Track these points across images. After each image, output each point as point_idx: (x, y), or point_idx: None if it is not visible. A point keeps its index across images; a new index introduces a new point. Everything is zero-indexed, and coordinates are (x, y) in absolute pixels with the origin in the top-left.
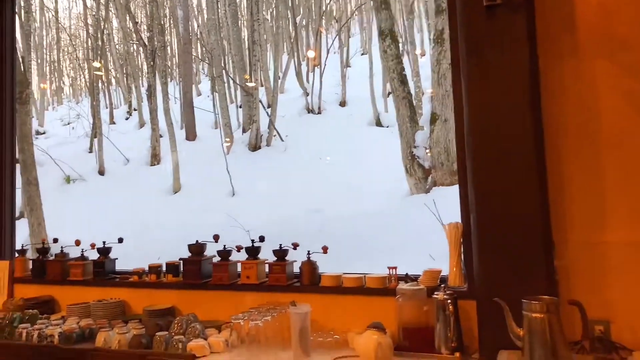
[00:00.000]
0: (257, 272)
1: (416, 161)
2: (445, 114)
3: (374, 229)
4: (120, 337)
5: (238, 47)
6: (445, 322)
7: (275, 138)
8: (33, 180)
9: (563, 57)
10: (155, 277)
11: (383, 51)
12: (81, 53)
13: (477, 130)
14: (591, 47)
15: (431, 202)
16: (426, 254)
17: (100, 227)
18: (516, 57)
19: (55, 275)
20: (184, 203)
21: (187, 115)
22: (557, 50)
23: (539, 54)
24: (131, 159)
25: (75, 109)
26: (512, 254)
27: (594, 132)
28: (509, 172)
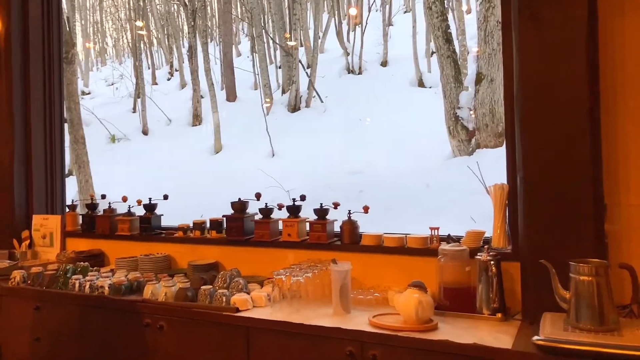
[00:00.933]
0: (298, 230)
1: (460, 122)
2: (491, 73)
3: (414, 191)
4: (167, 289)
5: (278, 5)
6: (488, 283)
7: (314, 99)
8: (80, 138)
9: (624, 13)
10: (200, 233)
11: (427, 8)
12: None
13: (528, 88)
14: None
15: (474, 164)
16: (467, 217)
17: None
18: (574, 10)
19: (104, 230)
20: (225, 163)
21: (227, 76)
22: (619, 4)
23: (599, 8)
24: (173, 119)
25: (119, 70)
26: (560, 216)
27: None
28: (561, 133)
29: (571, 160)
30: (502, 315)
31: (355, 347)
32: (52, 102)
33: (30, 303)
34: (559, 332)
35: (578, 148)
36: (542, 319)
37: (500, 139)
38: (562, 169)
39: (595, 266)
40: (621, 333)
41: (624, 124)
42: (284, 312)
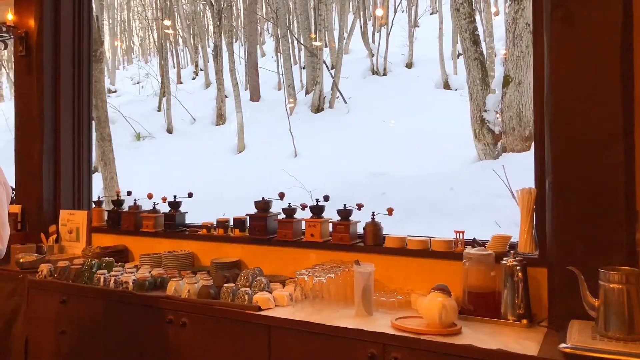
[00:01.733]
0: (321, 231)
1: (486, 125)
2: (519, 76)
3: (439, 194)
4: (190, 286)
5: (303, 6)
6: (513, 288)
7: (338, 100)
8: (107, 136)
9: None
10: (223, 231)
11: (455, 9)
12: (150, 13)
13: (559, 91)
14: None
15: (500, 168)
16: (492, 221)
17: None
18: (608, 11)
19: (129, 226)
20: (248, 162)
21: (252, 76)
22: None
23: (634, 10)
24: (198, 118)
25: (145, 68)
26: (590, 222)
27: None
28: (592, 137)
29: (602, 165)
30: (527, 322)
31: (377, 349)
32: (80, 100)
33: (57, 296)
34: (586, 340)
35: (610, 153)
36: (569, 327)
37: (527, 143)
38: (593, 174)
39: (626, 274)
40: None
41: None
42: (305, 312)
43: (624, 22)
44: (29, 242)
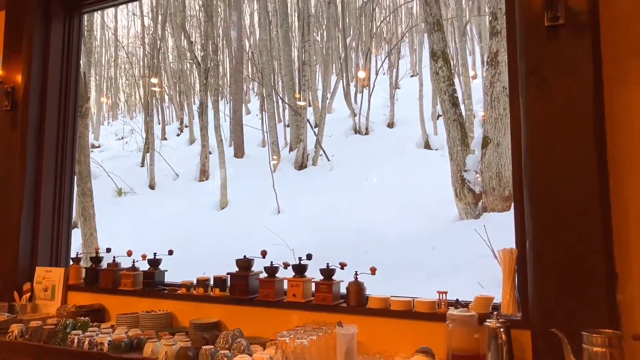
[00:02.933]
0: (304, 290)
1: (466, 185)
2: (497, 137)
3: (421, 252)
4: (168, 348)
5: (288, 67)
6: (497, 351)
7: (321, 157)
8: (88, 191)
9: (630, 82)
10: (203, 290)
11: (435, 73)
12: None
13: (536, 154)
14: None
15: (481, 227)
16: (474, 281)
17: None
18: (580, 79)
19: (107, 284)
20: (231, 219)
21: (236, 133)
22: (624, 74)
23: (604, 78)
24: (181, 174)
25: (130, 124)
26: (571, 283)
27: None
28: (570, 199)
29: (581, 226)
30: None
31: None
32: (64, 155)
33: (28, 359)
34: None
35: (588, 215)
36: None
37: (507, 203)
38: (571, 236)
39: (608, 337)
40: None
41: (633, 193)
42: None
43: (594, 88)
44: (1, 301)
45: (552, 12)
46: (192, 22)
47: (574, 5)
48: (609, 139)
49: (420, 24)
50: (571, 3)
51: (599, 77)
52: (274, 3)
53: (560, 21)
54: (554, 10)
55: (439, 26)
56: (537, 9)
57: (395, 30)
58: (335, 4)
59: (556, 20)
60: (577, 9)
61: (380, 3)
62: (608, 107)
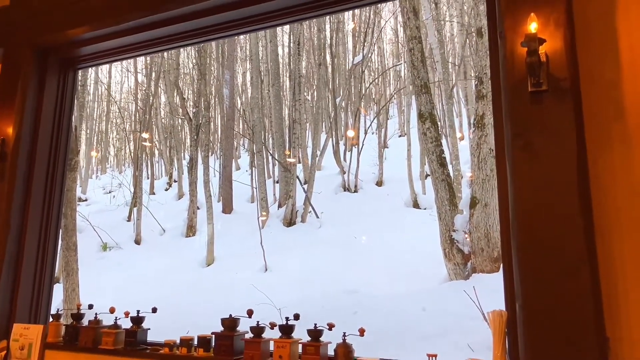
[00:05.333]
0: (290, 352)
1: (455, 245)
2: (485, 198)
3: (410, 313)
4: None
5: (279, 124)
6: None
7: (310, 214)
8: (72, 245)
9: (612, 145)
10: (186, 350)
11: (422, 133)
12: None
13: (523, 217)
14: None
15: (470, 288)
16: (465, 343)
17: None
18: (563, 143)
19: (87, 342)
20: (217, 276)
21: (225, 189)
22: (606, 137)
23: (587, 141)
24: (167, 229)
25: (118, 178)
26: (562, 348)
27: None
28: (558, 261)
29: (571, 290)
30: None
31: None
32: (50, 209)
33: None
34: None
35: (577, 278)
36: None
37: (496, 264)
38: (562, 299)
39: None
40: None
41: (621, 256)
42: None
43: (578, 151)
44: None
45: (534, 78)
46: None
47: (555, 72)
48: (595, 201)
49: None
50: (553, 70)
51: (582, 140)
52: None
53: (543, 87)
54: (536, 76)
55: (426, 89)
56: (520, 75)
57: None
58: (325, 65)
59: (539, 87)
60: (558, 75)
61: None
62: (592, 170)
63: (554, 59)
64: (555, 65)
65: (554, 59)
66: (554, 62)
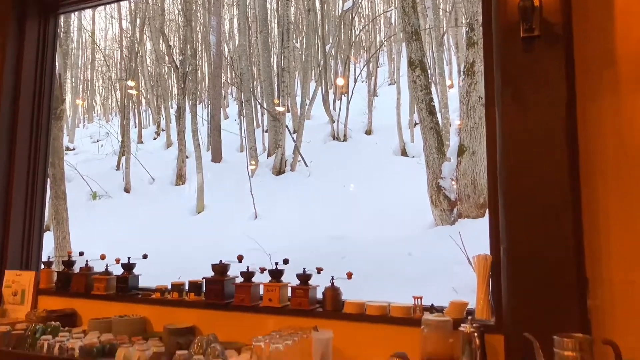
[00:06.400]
0: (280, 295)
1: (442, 192)
2: (473, 146)
3: (397, 258)
4: (140, 354)
5: (267, 73)
6: (471, 355)
7: (299, 163)
8: (61, 194)
9: (602, 93)
10: (178, 295)
11: (412, 81)
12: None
13: (510, 162)
14: (632, 83)
15: (456, 234)
16: (449, 287)
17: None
18: (553, 90)
19: (79, 288)
20: (207, 224)
21: (214, 138)
22: (596, 85)
23: (577, 88)
24: (157, 178)
25: (105, 127)
26: (543, 289)
27: (633, 169)
28: (543, 207)
29: (554, 234)
30: None
31: None
32: (37, 158)
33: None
34: None
35: (560, 222)
36: None
37: (481, 210)
38: (545, 243)
39: (579, 341)
40: None
41: (604, 200)
42: None
43: (568, 98)
44: None
45: (527, 24)
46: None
47: (549, 17)
48: (581, 147)
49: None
50: (546, 14)
51: (572, 88)
52: (253, 9)
53: (535, 32)
54: (529, 21)
55: (417, 36)
56: (513, 21)
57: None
58: (314, 11)
59: (531, 32)
60: (551, 20)
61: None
62: (580, 116)
63: (547, 3)
64: (549, 10)
65: (548, 3)
66: (547, 7)
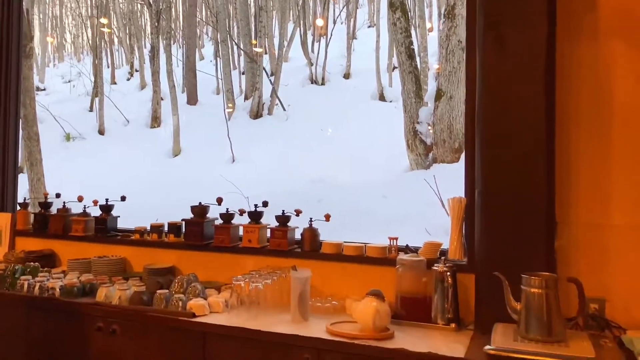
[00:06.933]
0: (259, 236)
1: (418, 137)
2: (450, 90)
3: (373, 201)
4: (121, 293)
5: (244, 12)
6: (443, 293)
7: (277, 107)
8: (34, 135)
9: (581, 38)
10: (157, 236)
11: (392, 24)
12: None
13: (489, 107)
14: (610, 29)
15: (431, 178)
16: (423, 228)
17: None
18: (534, 33)
19: (56, 230)
20: (184, 167)
21: (189, 79)
22: (576, 30)
23: (558, 33)
24: (131, 120)
25: (77, 67)
26: (514, 231)
27: (606, 115)
28: (519, 150)
29: (527, 177)
30: (456, 326)
31: (312, 354)
32: (7, 97)
33: None
34: (509, 342)
35: (534, 166)
36: (494, 330)
37: (456, 155)
38: (518, 186)
39: (545, 279)
40: (567, 344)
41: (577, 144)
42: (241, 318)
43: (548, 42)
44: None
45: None
46: None
47: None
48: (558, 92)
49: None
50: None
51: (552, 32)
52: None
53: None
54: None
55: None
56: None
57: None
58: None
59: None
60: None
61: None
62: (559, 60)
63: None
64: None
65: None
66: None
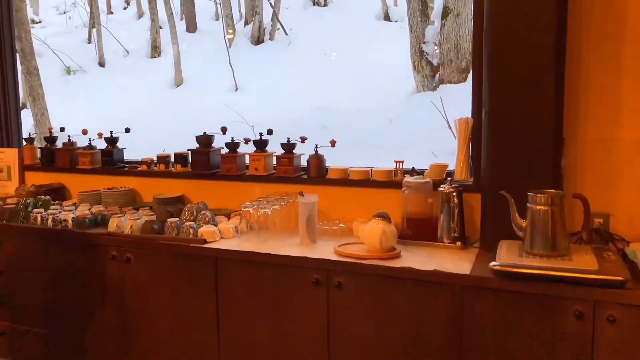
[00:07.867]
0: (265, 164)
1: (425, 57)
2: (457, 7)
3: (379, 125)
4: (133, 222)
5: None
6: (449, 213)
7: (279, 32)
8: (33, 69)
9: None
10: (164, 167)
11: None
12: None
13: (498, 24)
14: None
15: (437, 100)
16: (429, 151)
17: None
18: None
19: (64, 164)
20: (187, 97)
21: (187, 6)
22: None
23: None
24: (131, 50)
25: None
26: (521, 149)
27: (617, 31)
28: (528, 68)
29: (535, 95)
30: (461, 244)
31: (321, 275)
32: (1, 30)
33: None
34: (514, 257)
35: (543, 84)
36: (499, 247)
37: (463, 75)
38: (526, 104)
39: (551, 196)
40: (571, 258)
41: (587, 62)
42: (251, 242)
43: None
44: None
45: None
46: None
47: None
48: (570, 7)
49: None
50: None
51: None
52: None
53: None
54: None
55: None
56: None
57: None
58: None
59: None
60: None
61: None
62: None
63: None
64: None
65: None
66: None
